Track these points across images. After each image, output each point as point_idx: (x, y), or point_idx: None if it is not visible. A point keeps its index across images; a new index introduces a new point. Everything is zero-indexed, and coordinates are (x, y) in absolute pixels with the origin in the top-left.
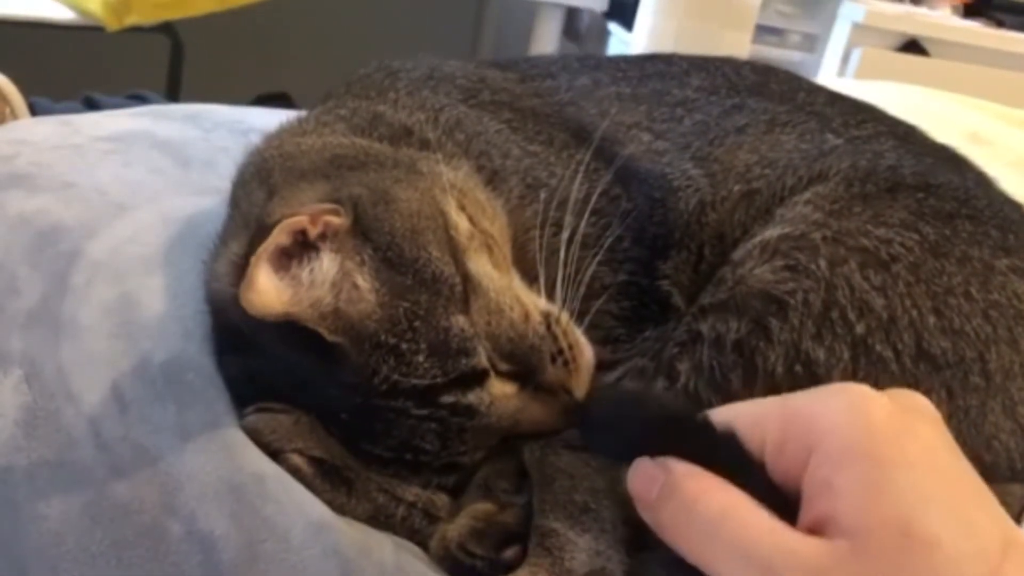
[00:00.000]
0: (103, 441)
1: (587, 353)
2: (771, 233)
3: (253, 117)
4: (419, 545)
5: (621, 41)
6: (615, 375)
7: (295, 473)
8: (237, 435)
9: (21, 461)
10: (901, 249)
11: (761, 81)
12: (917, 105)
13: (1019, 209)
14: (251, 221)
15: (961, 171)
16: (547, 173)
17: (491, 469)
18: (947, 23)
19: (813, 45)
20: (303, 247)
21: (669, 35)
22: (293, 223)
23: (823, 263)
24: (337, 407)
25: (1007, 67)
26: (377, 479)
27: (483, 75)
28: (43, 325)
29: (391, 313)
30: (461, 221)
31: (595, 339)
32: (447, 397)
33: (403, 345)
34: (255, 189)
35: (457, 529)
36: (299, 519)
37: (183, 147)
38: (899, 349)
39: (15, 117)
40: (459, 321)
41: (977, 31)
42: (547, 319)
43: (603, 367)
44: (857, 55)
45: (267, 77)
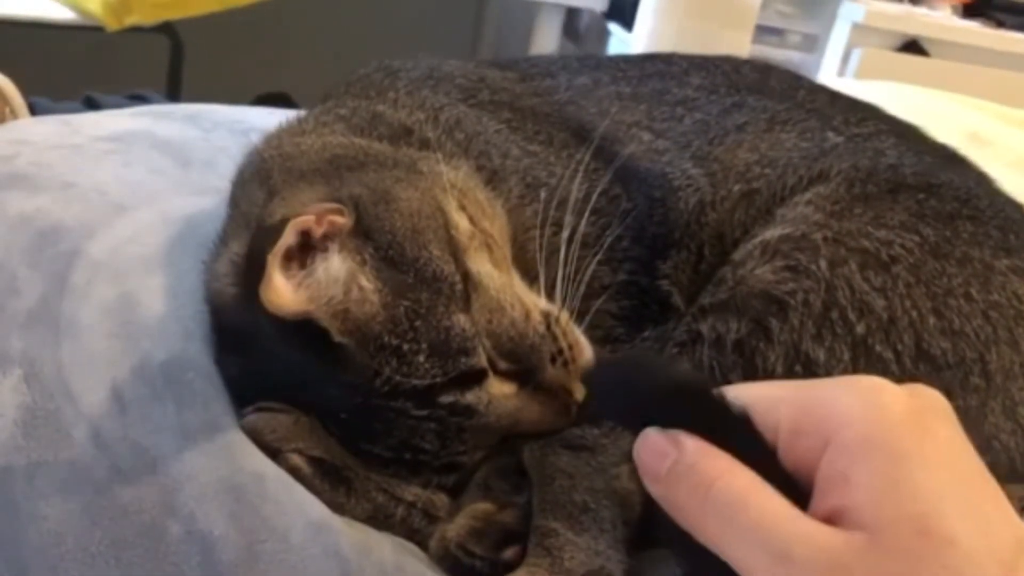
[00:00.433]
0: (103, 441)
1: (587, 353)
2: (772, 233)
3: (253, 117)
4: (418, 545)
5: (621, 41)
6: None
7: (294, 473)
8: (237, 435)
9: (21, 461)
10: (901, 250)
11: (761, 79)
12: (917, 105)
13: (1020, 209)
14: (251, 221)
15: (962, 171)
16: (547, 172)
17: (491, 469)
18: (947, 23)
19: (813, 45)
20: (306, 247)
21: (669, 35)
22: (301, 223)
23: (824, 264)
24: (337, 407)
25: (1007, 67)
26: (376, 479)
27: (483, 75)
28: (43, 325)
29: (393, 313)
30: (461, 221)
31: (595, 339)
32: (446, 397)
33: (405, 346)
34: (255, 189)
35: (456, 529)
36: (299, 519)
37: (183, 147)
38: (899, 350)
39: (15, 117)
40: (460, 320)
41: (977, 31)
42: (547, 319)
43: None
44: (857, 55)
45: (267, 77)
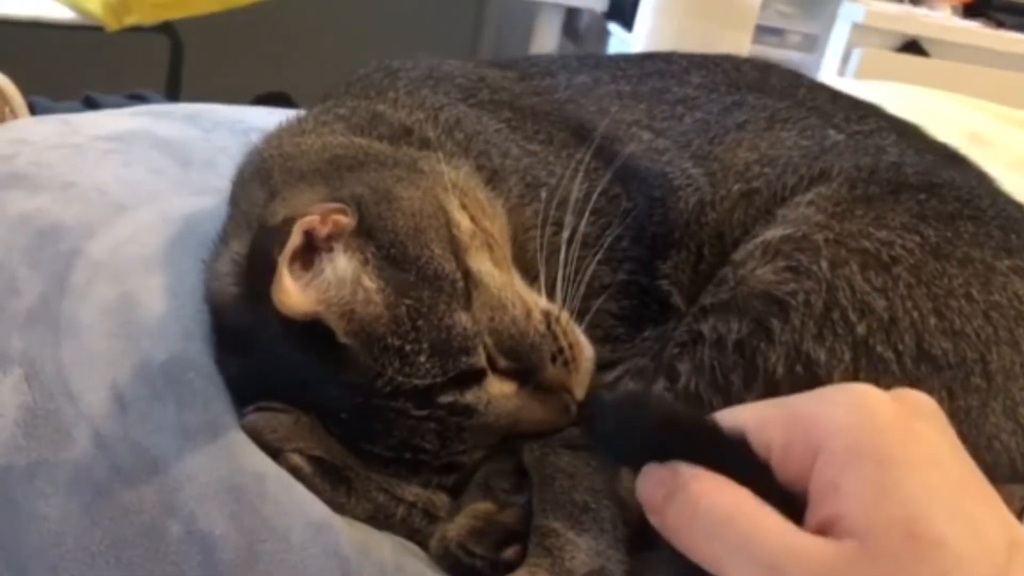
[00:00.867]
0: (103, 441)
1: (587, 352)
2: (773, 234)
3: (253, 117)
4: (419, 545)
5: (621, 41)
6: (615, 374)
7: (295, 472)
8: (237, 435)
9: (21, 461)
10: (902, 251)
11: (761, 77)
12: (917, 105)
13: (1021, 209)
14: (252, 221)
15: (963, 169)
16: (547, 172)
17: (491, 468)
18: (947, 23)
19: (813, 45)
20: (308, 247)
21: (669, 35)
22: (307, 223)
23: (825, 264)
24: (337, 407)
25: (1007, 67)
26: (377, 479)
27: (482, 74)
28: (43, 325)
29: (396, 313)
30: (463, 220)
31: (595, 338)
32: (445, 397)
33: (407, 346)
34: (255, 189)
35: (457, 528)
36: (299, 519)
37: (183, 147)
38: (900, 350)
39: (15, 116)
40: (461, 318)
41: (977, 31)
42: (547, 318)
43: (603, 367)
44: (857, 55)
45: (267, 77)
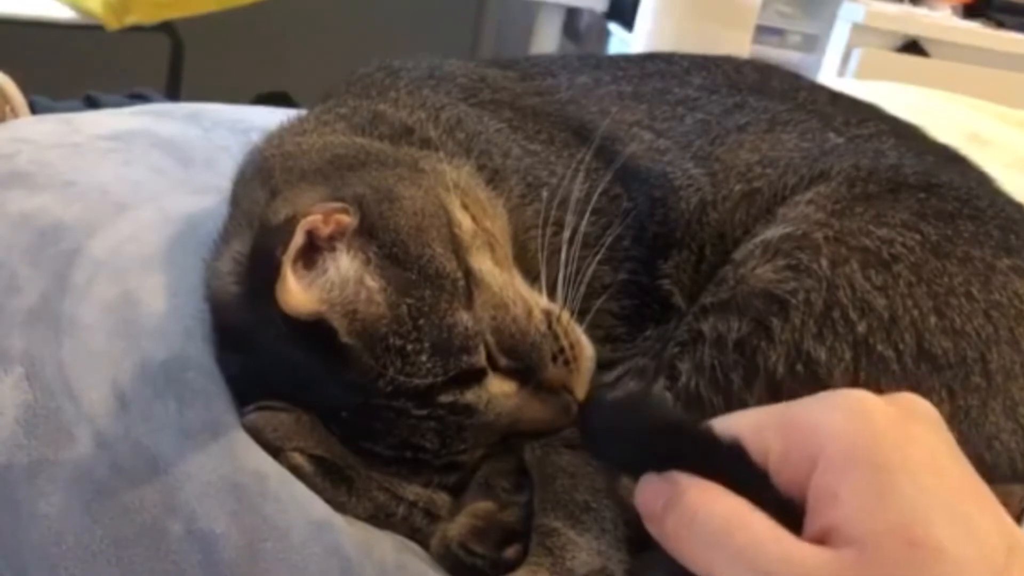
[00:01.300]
0: (104, 439)
1: (588, 352)
2: (773, 233)
3: (254, 116)
4: (420, 544)
5: (621, 41)
6: (616, 374)
7: (296, 471)
8: (238, 433)
9: (21, 459)
10: (903, 249)
11: (762, 79)
12: (917, 105)
13: (1021, 209)
14: (253, 220)
15: (963, 170)
16: (548, 172)
17: (492, 468)
18: (947, 24)
19: (813, 45)
20: (310, 247)
21: (669, 35)
22: (310, 222)
23: (825, 263)
24: (338, 406)
25: (1007, 68)
26: (378, 478)
27: (484, 74)
28: (44, 323)
29: (398, 313)
30: (464, 219)
31: (596, 338)
32: (446, 396)
33: (409, 346)
34: (256, 188)
35: (458, 528)
36: (300, 518)
37: (184, 146)
38: (900, 349)
39: (15, 116)
40: (463, 317)
41: (977, 32)
42: (548, 317)
43: (603, 366)
44: (857, 55)
45: (267, 76)
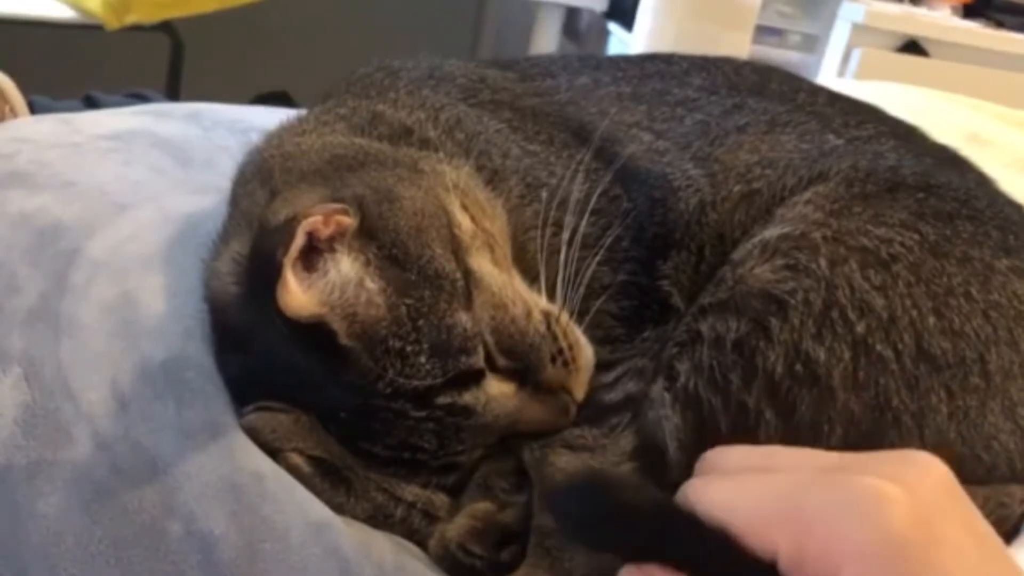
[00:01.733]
0: (103, 440)
1: (587, 353)
2: (771, 233)
3: (253, 116)
4: (418, 545)
5: (621, 41)
6: (614, 375)
7: (294, 472)
8: (237, 434)
9: (20, 460)
10: (901, 249)
11: (761, 81)
12: (917, 105)
13: (1020, 210)
14: (253, 220)
15: (961, 171)
16: (547, 173)
17: (490, 468)
18: (947, 24)
19: (813, 45)
20: (310, 248)
21: (669, 35)
22: (310, 224)
23: (823, 262)
24: (337, 407)
25: (1007, 68)
26: (376, 478)
27: (483, 74)
28: (43, 323)
29: (397, 314)
30: (464, 220)
31: (595, 339)
32: (443, 398)
33: (408, 348)
34: (256, 188)
35: (456, 529)
36: (299, 519)
37: (183, 146)
38: (899, 349)
39: (15, 115)
40: (462, 318)
41: (977, 32)
42: (547, 318)
43: (602, 367)
44: (857, 55)
45: (267, 76)
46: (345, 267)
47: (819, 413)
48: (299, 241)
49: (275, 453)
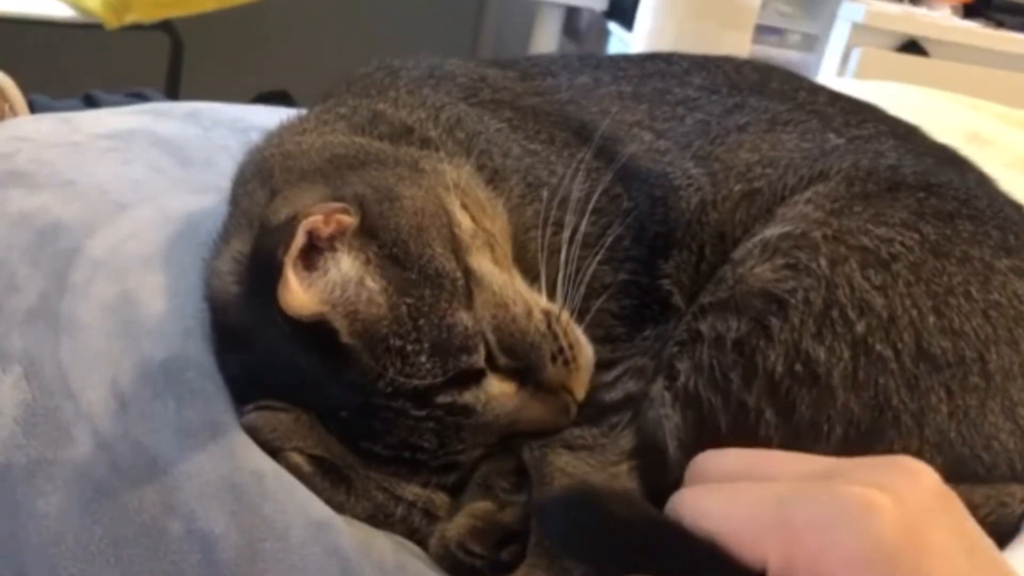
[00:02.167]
0: (103, 439)
1: (587, 352)
2: (772, 232)
3: (253, 115)
4: (418, 544)
5: (621, 41)
6: (614, 374)
7: (295, 471)
8: (237, 433)
9: (20, 459)
10: (902, 248)
11: (762, 80)
12: (917, 105)
13: (1020, 210)
14: (253, 220)
15: (962, 171)
16: (548, 172)
17: (491, 468)
18: (947, 23)
19: (813, 45)
20: (310, 247)
21: (669, 35)
22: (311, 223)
23: (824, 262)
24: (337, 406)
25: (1007, 67)
26: (376, 478)
27: (484, 74)
28: (43, 323)
29: (398, 313)
30: (464, 219)
31: (595, 338)
32: (443, 397)
33: (409, 347)
34: (256, 188)
35: (456, 528)
36: (299, 518)
37: (183, 145)
38: (899, 348)
39: (15, 114)
40: (462, 317)
41: (977, 31)
42: (548, 317)
43: (603, 366)
44: (857, 55)
45: (267, 75)
46: (346, 266)
47: (819, 412)
48: (300, 240)
49: (275, 452)
